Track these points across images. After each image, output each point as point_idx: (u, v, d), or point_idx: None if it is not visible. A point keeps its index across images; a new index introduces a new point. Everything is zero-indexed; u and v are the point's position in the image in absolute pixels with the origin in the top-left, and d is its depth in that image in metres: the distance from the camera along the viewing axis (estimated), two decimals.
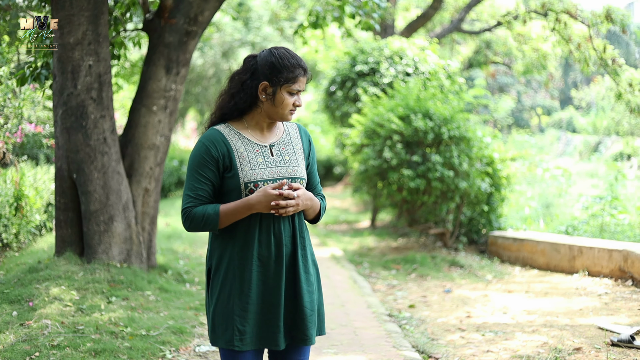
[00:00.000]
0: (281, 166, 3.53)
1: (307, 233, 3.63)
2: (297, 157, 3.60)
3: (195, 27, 8.76)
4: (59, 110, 8.08)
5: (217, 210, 3.43)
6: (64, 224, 8.30)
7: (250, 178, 3.46)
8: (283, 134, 3.64)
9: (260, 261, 3.47)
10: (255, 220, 3.47)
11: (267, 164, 3.51)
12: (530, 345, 6.36)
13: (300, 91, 3.55)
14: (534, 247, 10.38)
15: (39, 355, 5.60)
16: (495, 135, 12.29)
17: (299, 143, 3.66)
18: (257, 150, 3.53)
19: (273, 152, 3.56)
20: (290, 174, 3.52)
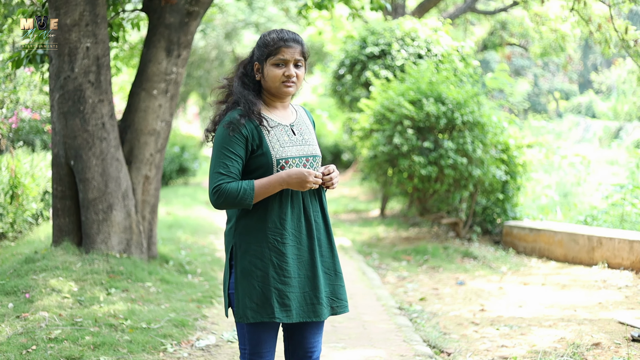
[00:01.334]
0: (304, 144, 3.76)
1: (326, 210, 3.85)
2: (312, 136, 3.85)
3: (197, 7, 8.62)
4: (55, 94, 7.98)
5: (253, 185, 3.60)
6: (61, 212, 8.26)
7: (281, 155, 3.66)
8: (297, 115, 3.88)
9: (294, 236, 3.67)
10: (286, 198, 3.67)
11: (292, 142, 3.72)
12: (547, 340, 6.26)
13: (288, 61, 3.69)
14: (551, 238, 10.17)
15: (36, 348, 5.58)
16: (511, 121, 12.02)
17: (310, 124, 3.92)
18: (281, 129, 3.74)
19: (295, 131, 3.77)
20: (312, 153, 3.76)
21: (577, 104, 33.03)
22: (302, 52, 3.71)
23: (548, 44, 18.52)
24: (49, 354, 5.43)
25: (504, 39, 22.46)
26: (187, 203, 16.98)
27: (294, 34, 3.74)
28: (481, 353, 6.02)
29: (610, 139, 24.09)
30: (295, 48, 3.68)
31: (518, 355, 5.86)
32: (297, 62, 3.70)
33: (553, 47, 18.49)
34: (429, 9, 17.97)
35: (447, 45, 13.57)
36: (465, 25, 22.82)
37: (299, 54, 3.69)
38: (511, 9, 19.55)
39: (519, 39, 22.23)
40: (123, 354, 5.66)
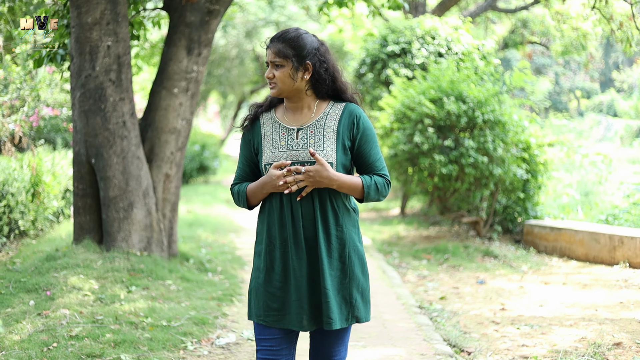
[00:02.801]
0: (302, 150, 3.59)
1: (336, 216, 3.66)
2: (325, 140, 3.62)
3: (218, 5, 8.62)
4: (76, 92, 8.00)
5: (245, 189, 3.70)
6: (82, 210, 8.28)
7: (268, 160, 3.62)
8: (319, 117, 3.68)
9: (283, 242, 3.61)
10: (276, 202, 3.62)
11: (288, 147, 3.61)
12: (568, 340, 6.22)
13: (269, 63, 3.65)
14: (572, 237, 10.11)
15: (57, 346, 5.59)
16: (532, 120, 11.95)
17: (333, 125, 3.66)
18: (283, 133, 3.65)
19: (299, 136, 3.63)
20: (311, 158, 3.56)
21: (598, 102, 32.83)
22: (277, 52, 3.58)
23: (569, 42, 18.42)
24: (70, 352, 5.44)
25: (525, 37, 22.34)
26: (208, 201, 17.00)
27: (284, 32, 3.64)
28: (502, 352, 5.99)
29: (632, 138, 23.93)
30: (271, 49, 3.61)
31: (539, 355, 5.82)
32: (275, 63, 3.60)
33: (574, 46, 18.38)
34: (450, 7, 17.89)
35: (468, 43, 13.52)
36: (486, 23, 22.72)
37: (272, 55, 3.60)
38: (532, 7, 19.46)
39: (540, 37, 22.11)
40: (143, 351, 5.66)
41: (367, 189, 3.62)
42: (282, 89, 3.61)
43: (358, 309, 3.67)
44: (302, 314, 3.58)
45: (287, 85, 3.60)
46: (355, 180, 3.61)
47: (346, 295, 3.63)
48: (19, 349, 5.43)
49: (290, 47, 3.57)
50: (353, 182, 3.60)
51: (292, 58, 3.57)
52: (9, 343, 5.53)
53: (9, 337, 5.65)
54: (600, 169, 14.34)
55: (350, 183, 3.59)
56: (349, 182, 3.59)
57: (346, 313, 3.63)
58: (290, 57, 3.57)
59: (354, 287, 3.66)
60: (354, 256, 3.67)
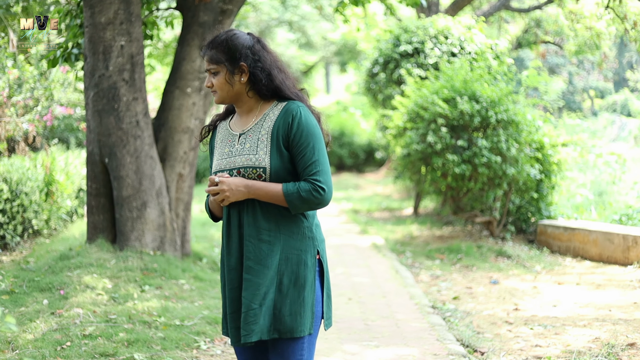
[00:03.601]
0: (237, 155, 3.49)
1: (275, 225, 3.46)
2: (259, 143, 3.46)
3: (231, 5, 8.64)
4: (90, 92, 8.03)
5: (207, 200, 3.65)
6: (95, 210, 8.31)
7: (215, 167, 3.55)
8: (259, 119, 3.54)
9: (225, 248, 3.53)
10: (224, 212, 3.56)
11: (228, 154, 3.53)
12: (582, 340, 6.21)
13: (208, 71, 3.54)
14: (585, 237, 10.06)
15: (70, 345, 5.62)
16: (546, 119, 11.91)
17: (268, 127, 3.47)
18: (229, 140, 3.57)
19: (239, 141, 3.53)
20: (243, 163, 3.45)
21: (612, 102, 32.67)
22: (210, 59, 3.48)
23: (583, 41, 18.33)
24: (83, 351, 5.46)
25: (539, 36, 22.24)
26: None
27: (215, 37, 3.51)
28: (515, 352, 5.97)
29: None
30: (205, 57, 3.51)
31: (552, 355, 5.80)
32: (210, 70, 3.49)
33: (588, 45, 18.29)
34: (463, 6, 17.84)
35: (481, 43, 13.48)
36: (499, 23, 22.63)
37: (206, 62, 3.49)
38: (546, 6, 19.36)
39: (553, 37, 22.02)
40: (157, 350, 5.68)
41: (288, 197, 3.38)
42: (222, 96, 3.51)
43: (281, 321, 3.40)
44: (235, 327, 3.47)
45: (226, 91, 3.49)
46: (273, 189, 3.40)
47: (270, 307, 3.41)
48: (33, 347, 5.45)
49: (221, 52, 3.46)
50: (272, 191, 3.40)
51: (225, 62, 3.45)
52: (23, 342, 5.55)
53: (23, 336, 5.68)
54: (614, 169, 14.27)
55: (269, 191, 3.40)
56: (267, 190, 3.39)
57: (267, 325, 3.41)
58: (222, 61, 3.45)
59: (281, 299, 3.42)
60: (285, 265, 3.42)
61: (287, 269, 3.43)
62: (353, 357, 5.85)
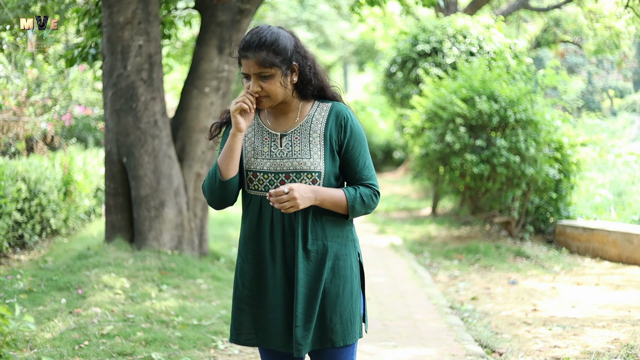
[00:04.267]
0: (287, 158, 3.25)
1: (324, 232, 3.30)
2: (312, 147, 3.26)
3: (249, 5, 8.64)
4: (108, 92, 8.05)
5: (216, 160, 3.28)
6: (113, 209, 8.34)
7: (249, 166, 3.30)
8: (304, 120, 3.31)
9: (257, 256, 3.31)
10: (254, 213, 3.31)
11: (271, 155, 3.28)
12: (601, 341, 6.16)
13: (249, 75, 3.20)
14: (605, 238, 10.00)
15: (88, 344, 5.61)
16: (565, 119, 11.84)
17: (320, 130, 3.28)
18: (265, 138, 3.31)
19: (282, 143, 3.28)
20: (296, 168, 3.23)
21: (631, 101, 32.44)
22: (262, 62, 3.13)
23: (602, 41, 18.21)
24: (101, 350, 5.46)
25: (558, 36, 22.13)
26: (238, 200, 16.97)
27: (258, 36, 3.15)
28: (533, 353, 5.94)
29: None
30: (251, 59, 3.14)
31: (571, 356, 5.76)
32: (260, 74, 3.16)
33: (607, 45, 18.17)
34: (482, 5, 17.80)
35: (500, 42, 13.43)
36: (518, 22, 22.54)
37: (257, 66, 3.13)
38: (565, 5, 19.27)
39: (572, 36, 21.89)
40: (174, 350, 5.68)
41: (352, 202, 3.26)
42: (275, 100, 3.23)
43: (333, 331, 3.29)
44: (280, 334, 3.28)
45: (280, 95, 3.22)
46: (338, 194, 3.25)
47: (320, 318, 3.28)
48: (51, 346, 5.46)
49: (273, 53, 3.14)
50: (336, 197, 3.24)
51: (279, 65, 3.17)
52: (41, 341, 5.56)
53: (41, 335, 5.68)
54: (633, 169, 14.16)
55: (333, 197, 3.24)
56: (332, 196, 3.24)
57: (319, 336, 3.29)
58: (277, 64, 3.16)
59: (331, 308, 3.29)
60: (336, 273, 3.31)
61: (336, 276, 3.31)
62: (371, 357, 5.83)
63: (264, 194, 3.26)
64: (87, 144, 14.19)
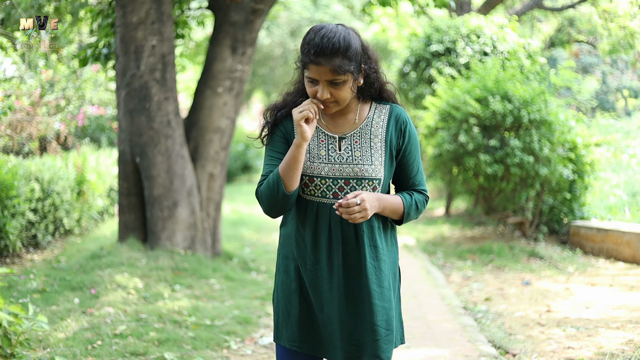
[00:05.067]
0: (347, 164, 3.12)
1: (384, 240, 3.22)
2: (373, 152, 3.14)
3: (262, 5, 8.63)
4: (121, 92, 8.07)
5: (277, 170, 3.08)
6: (126, 209, 8.35)
7: (306, 170, 3.12)
8: (363, 123, 3.18)
9: (318, 264, 3.15)
10: (311, 218, 3.15)
11: (329, 159, 3.13)
12: (615, 342, 6.11)
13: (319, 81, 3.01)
14: (619, 238, 9.94)
15: (101, 344, 5.64)
16: (579, 119, 11.79)
17: (380, 134, 3.17)
18: (322, 140, 3.16)
19: (341, 146, 3.14)
20: (357, 174, 3.10)
21: None
22: (336, 70, 2.96)
23: (617, 41, 18.12)
24: (114, 350, 5.47)
25: (572, 36, 22.06)
26: (251, 200, 17.05)
27: (330, 41, 2.95)
28: (547, 354, 5.90)
29: None
30: (324, 66, 2.95)
31: (585, 357, 5.73)
32: (333, 81, 2.99)
33: (622, 44, 18.08)
34: (495, 5, 17.74)
35: (514, 42, 13.39)
36: (532, 22, 22.46)
37: (329, 73, 2.97)
38: (579, 5, 19.21)
39: (587, 36, 21.82)
40: (187, 350, 5.68)
41: (408, 209, 3.20)
42: (343, 106, 3.10)
43: (400, 333, 3.30)
44: (331, 344, 3.18)
45: (348, 99, 3.09)
46: (397, 201, 3.17)
47: (391, 326, 3.19)
48: (64, 346, 5.48)
49: (347, 59, 2.99)
50: (395, 204, 3.16)
51: (353, 71, 3.03)
52: (54, 340, 5.58)
53: (54, 335, 5.70)
54: None
55: (393, 204, 3.16)
56: (392, 203, 3.16)
57: (393, 343, 3.20)
58: (351, 70, 3.01)
59: (397, 314, 3.30)
60: (397, 280, 3.31)
61: (393, 283, 3.27)
62: None
63: (321, 200, 3.15)
64: (100, 143, 14.24)
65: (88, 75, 11.28)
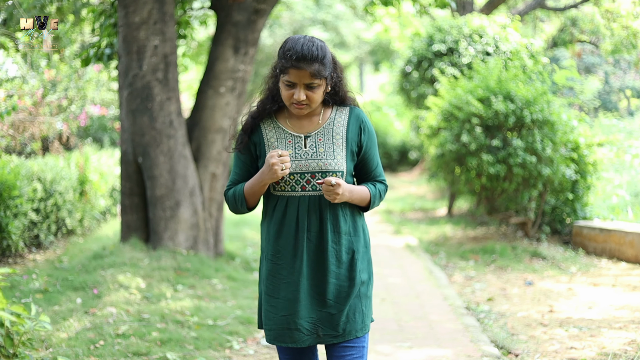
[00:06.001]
0: (312, 159, 3.48)
1: (350, 227, 3.56)
2: (335, 147, 3.51)
3: (264, 5, 8.63)
4: (124, 92, 8.07)
5: (242, 188, 3.51)
6: (129, 209, 8.36)
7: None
8: (326, 123, 3.56)
9: (279, 253, 3.49)
10: (279, 213, 3.51)
11: (296, 156, 3.48)
12: (617, 342, 6.12)
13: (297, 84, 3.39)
14: (622, 238, 9.93)
15: (103, 344, 5.66)
16: (582, 119, 11.77)
17: (342, 132, 3.55)
18: (289, 141, 3.52)
19: (307, 144, 3.50)
20: (322, 168, 3.46)
21: None
22: (315, 74, 3.35)
23: (619, 41, 18.10)
24: (117, 350, 5.48)
25: (574, 36, 22.04)
26: None
27: (310, 49, 3.36)
28: (550, 354, 5.91)
29: None
30: (305, 70, 3.33)
31: (587, 357, 5.73)
32: (310, 84, 3.37)
33: (624, 45, 18.06)
34: (498, 5, 17.73)
35: (516, 42, 13.38)
36: (534, 22, 22.46)
37: (308, 77, 3.35)
38: (582, 5, 19.19)
39: (589, 36, 21.79)
40: (189, 350, 5.69)
41: (374, 198, 3.57)
42: (314, 107, 3.48)
43: (367, 315, 3.59)
44: (295, 328, 3.47)
45: (319, 102, 3.48)
46: (364, 191, 3.54)
47: (356, 306, 3.53)
48: (66, 346, 5.49)
49: (324, 65, 3.40)
50: (363, 193, 3.53)
51: (327, 76, 3.43)
52: (57, 340, 5.59)
53: (57, 335, 5.71)
54: None
55: (361, 194, 3.52)
56: (360, 193, 3.52)
57: (359, 323, 3.53)
58: (325, 76, 3.41)
59: (362, 296, 3.56)
60: (361, 263, 3.56)
61: (360, 267, 3.56)
62: (386, 357, 5.82)
63: (290, 194, 3.48)
64: (103, 144, 14.24)
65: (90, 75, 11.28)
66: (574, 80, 12.59)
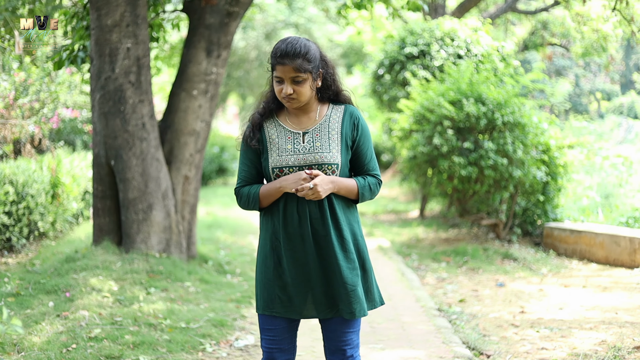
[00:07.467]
0: (309, 153, 3.75)
1: (345, 213, 3.84)
2: (331, 142, 3.79)
3: (237, 7, 8.63)
4: (96, 94, 8.03)
5: (257, 191, 3.80)
6: (101, 212, 8.31)
7: (276, 163, 3.77)
8: (322, 120, 3.84)
9: (288, 238, 3.76)
10: (283, 202, 3.77)
11: (295, 151, 3.76)
12: (588, 343, 6.17)
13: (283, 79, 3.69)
14: (592, 240, 10.03)
15: (76, 347, 5.62)
16: (552, 121, 11.86)
17: (337, 128, 3.83)
18: (288, 137, 3.80)
19: (305, 139, 3.78)
20: (318, 161, 3.74)
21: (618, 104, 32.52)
22: (298, 68, 3.64)
23: (590, 44, 18.24)
24: (89, 353, 5.46)
25: (545, 39, 22.18)
26: (227, 203, 17.03)
27: (293, 46, 3.67)
28: (521, 355, 5.95)
29: None
30: (288, 65, 3.64)
31: (558, 358, 5.78)
32: (295, 79, 3.67)
33: (595, 47, 18.20)
34: (469, 8, 17.82)
35: (487, 45, 13.46)
36: (506, 25, 22.60)
37: (292, 71, 3.64)
38: (552, 8, 19.32)
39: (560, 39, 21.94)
40: (162, 353, 5.67)
41: (362, 190, 3.83)
42: (302, 101, 3.74)
43: (375, 294, 3.90)
44: (304, 304, 3.78)
45: (307, 97, 3.74)
46: (351, 183, 3.80)
47: (365, 286, 3.84)
48: (39, 350, 5.45)
49: (307, 60, 3.67)
50: (349, 186, 3.80)
51: (311, 71, 3.69)
52: (29, 344, 5.55)
53: (29, 339, 5.67)
54: (620, 172, 14.19)
55: (347, 186, 3.78)
56: (346, 185, 3.78)
57: (367, 302, 3.84)
58: (309, 70, 3.68)
59: (368, 277, 3.87)
60: (362, 249, 3.86)
61: (363, 251, 3.87)
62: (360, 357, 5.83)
63: None
64: (75, 146, 14.16)
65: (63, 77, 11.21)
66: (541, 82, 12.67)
